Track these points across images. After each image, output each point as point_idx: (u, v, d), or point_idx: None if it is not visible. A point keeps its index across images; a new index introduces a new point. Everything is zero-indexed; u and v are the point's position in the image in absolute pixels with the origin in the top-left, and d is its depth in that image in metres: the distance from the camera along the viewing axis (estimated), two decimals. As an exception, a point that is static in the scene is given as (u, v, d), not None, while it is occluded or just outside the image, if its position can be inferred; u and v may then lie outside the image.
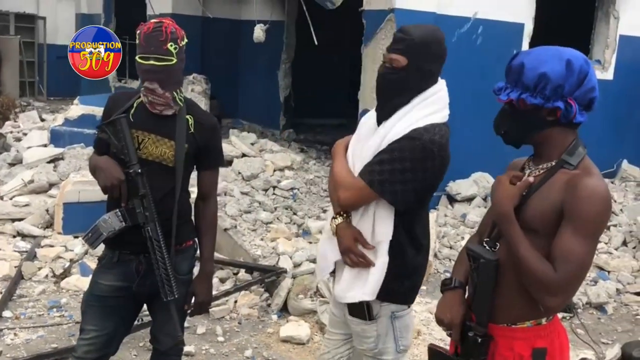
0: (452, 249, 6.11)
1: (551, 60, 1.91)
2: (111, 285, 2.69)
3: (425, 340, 4.44)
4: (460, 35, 7.13)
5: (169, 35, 2.53)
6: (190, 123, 2.68)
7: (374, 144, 2.33)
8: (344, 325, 2.53)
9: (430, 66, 2.31)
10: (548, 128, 1.95)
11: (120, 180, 2.58)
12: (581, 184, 1.85)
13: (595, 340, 4.63)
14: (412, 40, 2.25)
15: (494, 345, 2.02)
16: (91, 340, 2.69)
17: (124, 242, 2.67)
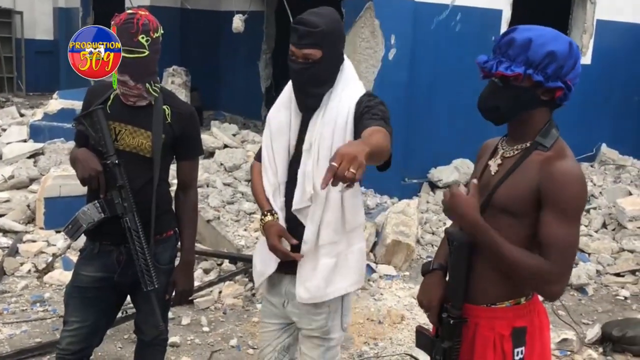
0: (435, 235, 6.16)
1: (558, 40, 1.91)
2: (92, 277, 2.70)
3: (409, 325, 4.49)
4: (438, 22, 7.16)
5: (140, 27, 2.52)
6: (167, 113, 2.68)
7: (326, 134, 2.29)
8: (282, 315, 2.51)
9: (340, 48, 2.37)
10: (537, 107, 1.95)
11: (98, 171, 2.58)
12: (556, 169, 1.86)
13: (576, 321, 4.72)
14: (322, 31, 2.24)
15: (474, 326, 2.04)
16: (74, 331, 2.69)
17: (104, 233, 2.67)
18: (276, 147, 2.41)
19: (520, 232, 1.94)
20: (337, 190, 2.17)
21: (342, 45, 2.37)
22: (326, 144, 2.28)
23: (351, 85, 2.36)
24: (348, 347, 4.15)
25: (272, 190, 2.41)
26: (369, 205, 6.43)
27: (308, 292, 2.35)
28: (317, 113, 2.33)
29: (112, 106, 2.65)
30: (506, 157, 2.02)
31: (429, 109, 7.23)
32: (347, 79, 2.37)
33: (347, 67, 2.40)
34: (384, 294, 4.98)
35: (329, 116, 2.30)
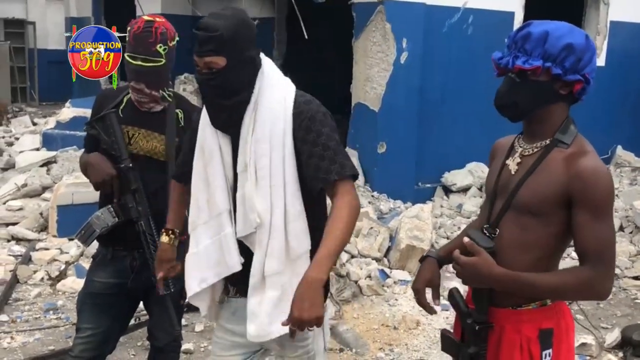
0: (449, 239, 6.10)
1: (574, 33, 1.87)
2: (106, 283, 2.68)
3: (424, 331, 4.43)
4: (450, 25, 7.12)
5: (159, 37, 2.51)
6: (180, 117, 2.67)
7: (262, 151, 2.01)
8: (246, 344, 2.18)
9: (249, 53, 2.03)
10: (555, 102, 1.91)
11: (112, 175, 2.57)
12: (584, 167, 1.82)
13: (594, 325, 4.64)
14: (222, 36, 1.94)
15: (500, 329, 1.99)
16: (87, 338, 2.67)
17: (117, 238, 2.65)
18: (210, 172, 2.10)
19: (543, 231, 1.90)
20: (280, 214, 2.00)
21: (252, 50, 2.03)
22: (263, 162, 2.01)
23: (276, 89, 2.06)
24: (363, 354, 4.10)
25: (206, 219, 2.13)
26: (382, 210, 6.39)
27: (255, 330, 2.06)
28: (245, 129, 2.03)
29: (124, 110, 2.64)
30: (525, 155, 1.97)
31: (442, 113, 7.18)
32: (269, 84, 2.06)
33: (267, 69, 2.09)
34: (398, 299, 4.92)
35: (261, 132, 2.01)
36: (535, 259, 1.92)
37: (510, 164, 2.01)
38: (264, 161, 2.01)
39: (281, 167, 2.01)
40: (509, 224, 1.95)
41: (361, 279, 4.97)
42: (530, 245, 1.92)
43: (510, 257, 1.94)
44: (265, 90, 2.05)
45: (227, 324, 2.23)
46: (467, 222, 6.43)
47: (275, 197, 2.01)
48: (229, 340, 2.23)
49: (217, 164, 2.09)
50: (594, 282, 1.82)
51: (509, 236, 1.95)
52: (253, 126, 2.03)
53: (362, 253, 5.29)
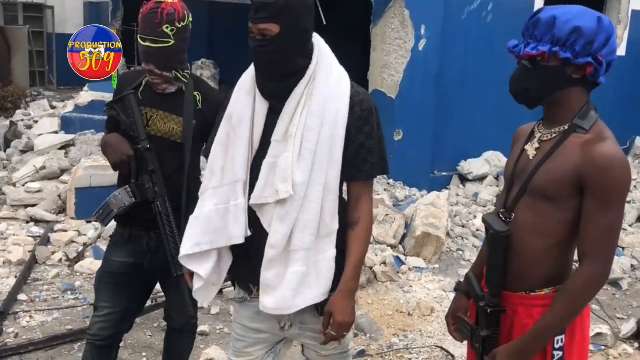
0: (465, 228, 6.09)
1: (584, 15, 1.86)
2: (123, 262, 2.71)
3: (439, 317, 4.43)
4: (470, 12, 7.07)
5: (165, 17, 2.51)
6: (198, 99, 2.68)
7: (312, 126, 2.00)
8: (272, 339, 2.21)
9: (304, 23, 2.01)
10: (569, 87, 1.90)
11: (129, 156, 2.59)
12: (597, 153, 1.81)
13: (610, 316, 4.63)
14: (277, 3, 1.93)
15: (513, 314, 2.00)
16: (105, 317, 2.70)
17: (135, 218, 2.68)
18: (234, 138, 2.07)
19: (557, 217, 1.89)
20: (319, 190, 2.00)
21: (307, 20, 2.01)
22: (311, 137, 1.99)
23: (334, 69, 2.07)
24: (377, 339, 4.12)
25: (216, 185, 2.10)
26: (398, 197, 6.39)
27: (274, 302, 2.05)
28: (295, 100, 2.01)
29: (143, 92, 2.66)
30: (544, 140, 1.97)
31: (460, 101, 7.14)
32: (328, 63, 2.07)
33: (324, 47, 2.09)
34: (413, 286, 4.93)
35: (316, 107, 2.00)
36: (549, 244, 1.92)
37: (529, 149, 2.01)
38: (312, 136, 1.99)
39: (328, 145, 2.00)
40: (525, 208, 1.96)
41: (376, 265, 4.98)
42: (545, 231, 1.92)
43: (524, 242, 1.95)
44: (322, 67, 2.05)
45: (252, 324, 2.19)
46: (482, 211, 6.42)
47: (317, 172, 2.00)
48: (252, 337, 2.21)
49: (245, 130, 2.06)
50: (595, 278, 1.84)
51: (523, 221, 1.96)
52: (306, 99, 2.01)
53: (378, 240, 5.30)
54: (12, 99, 10.19)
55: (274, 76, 2.02)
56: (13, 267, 4.85)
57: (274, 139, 2.02)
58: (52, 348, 3.77)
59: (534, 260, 1.95)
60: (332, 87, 2.03)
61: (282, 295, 2.03)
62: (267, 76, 2.04)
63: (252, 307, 2.17)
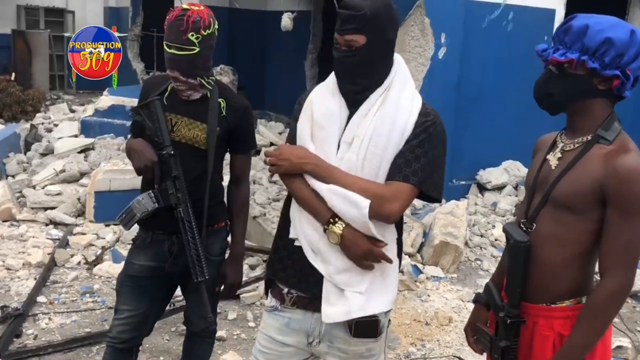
0: (483, 237, 6.05)
1: (617, 27, 1.84)
2: (144, 265, 2.72)
3: (457, 327, 4.40)
4: (490, 21, 7.03)
5: (190, 25, 2.52)
6: (222, 106, 2.69)
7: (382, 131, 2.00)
8: (300, 354, 2.16)
9: (389, 35, 2.03)
10: (593, 97, 1.88)
11: (153, 161, 2.61)
12: (620, 164, 1.79)
13: (630, 329, 4.58)
14: (365, 15, 1.94)
15: (533, 325, 1.98)
16: (126, 320, 2.72)
17: (157, 223, 2.69)
18: (323, 136, 2.06)
19: (579, 227, 1.88)
20: None
21: (392, 33, 2.04)
22: (381, 141, 1.99)
23: (409, 87, 2.08)
24: (395, 348, 4.09)
25: None
26: (416, 205, 6.35)
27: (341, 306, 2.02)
28: (369, 106, 2.03)
29: (169, 98, 2.68)
30: (566, 150, 1.96)
31: (479, 110, 7.10)
32: (404, 77, 2.08)
33: (402, 65, 2.11)
34: (431, 296, 4.90)
35: (387, 113, 2.00)
36: (570, 255, 1.91)
37: (550, 159, 2.00)
38: (382, 141, 1.99)
39: (394, 152, 2.00)
40: (546, 218, 1.95)
41: (394, 274, 4.95)
42: (566, 241, 1.90)
43: (545, 253, 1.94)
44: (398, 80, 2.06)
45: (278, 336, 2.15)
46: (501, 220, 6.37)
47: (381, 177, 2.00)
48: (278, 350, 2.17)
49: (336, 128, 2.05)
50: (618, 289, 1.82)
51: (545, 231, 1.94)
52: (379, 106, 2.02)
53: (395, 248, 5.27)
54: (32, 102, 10.29)
55: (357, 86, 2.04)
56: (32, 269, 4.89)
57: (343, 140, 2.04)
58: (71, 350, 3.79)
59: (554, 271, 1.93)
60: (405, 100, 2.04)
61: (352, 296, 2.01)
62: (350, 86, 2.05)
63: (282, 317, 2.14)
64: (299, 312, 2.11)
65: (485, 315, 2.19)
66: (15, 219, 5.81)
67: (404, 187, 1.97)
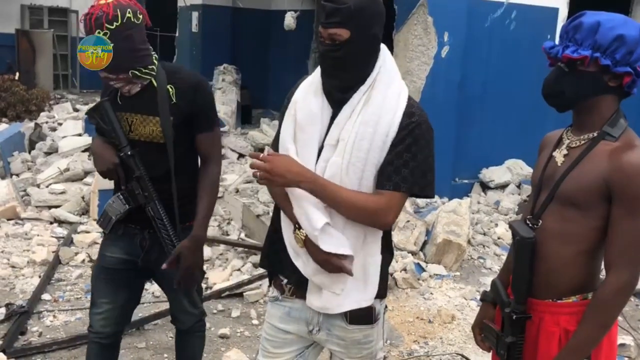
0: (486, 235, 6.06)
1: (627, 24, 1.85)
2: (117, 258, 2.69)
3: (459, 325, 4.41)
4: (493, 20, 7.04)
5: (93, 24, 2.44)
6: (172, 93, 2.57)
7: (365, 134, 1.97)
8: (301, 342, 2.21)
9: (374, 30, 2.00)
10: (603, 94, 1.89)
11: (115, 163, 2.54)
12: (625, 160, 1.80)
13: (634, 327, 4.57)
14: (349, 9, 1.92)
15: (539, 321, 2.00)
16: (105, 313, 2.70)
17: (129, 217, 2.65)
18: (305, 138, 2.05)
19: (585, 224, 1.89)
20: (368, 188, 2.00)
21: (377, 27, 2.00)
22: (364, 145, 1.97)
23: (396, 84, 2.04)
24: (398, 345, 4.11)
25: None
26: (419, 204, 6.37)
27: (320, 302, 2.08)
28: (351, 107, 2.01)
29: (122, 97, 2.59)
30: (572, 147, 1.97)
31: (482, 108, 7.11)
32: (389, 75, 2.05)
33: (388, 57, 2.07)
34: (434, 294, 4.91)
35: (371, 115, 1.98)
36: (576, 252, 1.92)
37: (557, 156, 2.01)
38: (365, 144, 1.97)
39: (378, 155, 1.98)
40: (552, 215, 1.96)
41: (397, 272, 4.97)
42: (571, 238, 1.91)
43: (551, 249, 1.95)
44: (383, 77, 2.03)
45: (280, 324, 2.20)
46: (504, 219, 6.38)
47: (365, 180, 1.99)
48: (281, 338, 2.21)
49: (317, 132, 2.04)
50: (624, 284, 1.83)
51: (550, 227, 1.95)
52: (362, 107, 2.00)
53: (398, 246, 5.29)
54: (36, 102, 10.32)
55: (341, 81, 2.01)
56: (37, 267, 4.92)
57: (327, 142, 2.02)
58: (75, 347, 3.80)
59: (560, 267, 1.94)
60: (389, 99, 2.01)
61: (330, 295, 2.05)
62: (334, 82, 2.03)
63: (283, 307, 2.19)
64: (298, 301, 2.15)
65: (492, 313, 2.20)
66: (20, 217, 5.84)
67: (395, 196, 1.98)
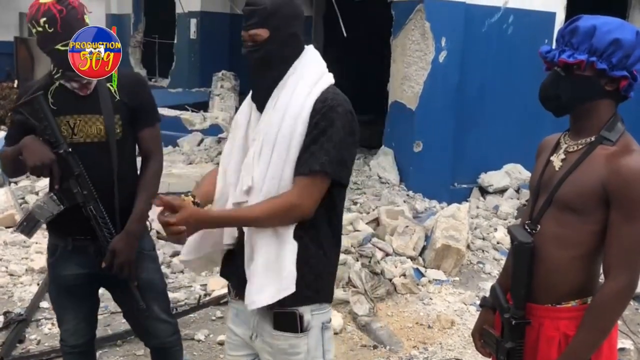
0: (485, 240, 6.05)
1: (623, 28, 1.85)
2: (76, 274, 2.60)
3: (459, 330, 4.41)
4: (490, 24, 7.06)
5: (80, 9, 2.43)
6: (113, 90, 2.53)
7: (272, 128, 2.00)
8: (248, 346, 2.19)
9: (291, 29, 2.05)
10: (599, 98, 1.89)
11: (52, 159, 2.40)
12: (623, 165, 1.80)
13: (633, 331, 4.57)
14: (266, 9, 1.99)
15: (538, 326, 1.99)
16: (75, 328, 2.69)
17: (73, 227, 2.53)
18: (235, 145, 2.13)
19: (583, 228, 1.89)
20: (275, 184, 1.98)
21: (295, 26, 2.06)
22: (272, 130, 1.99)
23: (308, 76, 2.05)
24: (397, 351, 4.10)
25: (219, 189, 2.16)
26: (418, 209, 6.37)
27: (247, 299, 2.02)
28: (270, 102, 2.05)
29: (56, 102, 2.49)
30: (570, 152, 1.97)
31: (480, 113, 7.13)
32: (303, 68, 2.07)
33: (309, 56, 2.11)
34: (433, 299, 4.90)
35: (281, 104, 2.01)
36: (574, 256, 1.92)
37: (554, 160, 2.01)
38: (273, 130, 1.99)
39: (288, 141, 1.98)
40: (550, 220, 1.95)
41: (396, 277, 4.96)
42: (570, 242, 1.91)
43: (549, 254, 1.95)
44: (295, 71, 2.06)
45: (232, 325, 2.23)
46: (503, 224, 6.37)
47: (274, 166, 1.99)
48: (234, 339, 2.23)
49: (240, 138, 2.11)
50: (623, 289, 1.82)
51: (549, 232, 1.95)
52: (276, 100, 2.03)
53: (397, 251, 5.29)
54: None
55: (262, 81, 2.07)
56: (35, 274, 4.90)
57: (250, 138, 2.09)
58: (74, 355, 3.79)
59: (559, 272, 1.94)
60: (302, 87, 2.02)
61: (249, 289, 2.01)
62: (257, 82, 2.09)
63: (233, 309, 2.23)
64: (242, 303, 2.10)
65: (492, 318, 2.20)
66: (18, 225, 5.82)
67: (307, 181, 1.95)
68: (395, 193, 6.65)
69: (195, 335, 4.11)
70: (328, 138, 1.95)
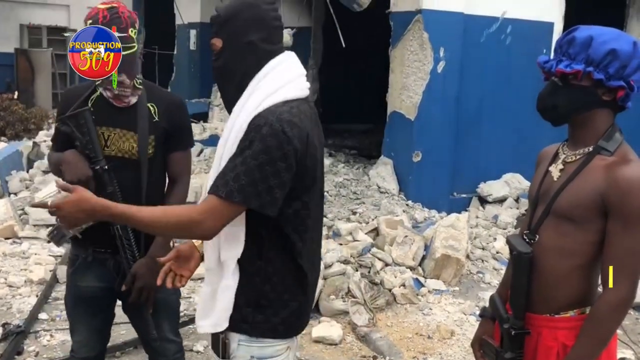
0: (485, 250, 6.04)
1: (620, 39, 1.87)
2: (93, 287, 2.59)
3: (459, 341, 4.39)
4: (488, 35, 7.08)
5: (129, 21, 2.41)
6: (153, 111, 2.53)
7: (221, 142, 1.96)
8: None
9: (248, 37, 1.93)
10: (597, 108, 1.90)
11: (88, 176, 2.42)
12: (620, 175, 1.81)
13: (634, 341, 4.55)
14: (219, 17, 1.95)
15: (537, 336, 1.99)
16: (87, 340, 2.67)
17: (95, 238, 2.51)
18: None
19: (581, 238, 1.89)
20: None
21: (251, 33, 1.93)
22: (222, 143, 1.95)
23: (264, 88, 1.91)
24: (397, 361, 4.09)
25: None
26: (417, 219, 6.36)
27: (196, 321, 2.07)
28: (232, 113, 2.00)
29: (96, 111, 2.49)
30: (568, 162, 1.97)
31: (479, 123, 7.13)
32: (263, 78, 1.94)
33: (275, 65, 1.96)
34: (432, 309, 4.89)
35: (231, 120, 1.95)
36: (573, 266, 1.92)
37: (552, 171, 2.01)
38: (222, 142, 1.95)
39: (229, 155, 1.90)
40: (548, 230, 1.96)
41: (395, 287, 4.96)
42: (568, 252, 1.92)
43: (548, 263, 1.95)
44: (256, 82, 1.94)
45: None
46: (502, 233, 6.37)
47: None
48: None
49: (220, 149, 1.99)
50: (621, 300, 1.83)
51: (547, 242, 1.96)
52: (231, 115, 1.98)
53: (397, 261, 5.28)
54: (35, 121, 10.35)
55: (227, 93, 2.01)
56: (34, 286, 4.90)
57: None
58: (72, 367, 3.78)
59: (558, 282, 1.94)
60: (254, 100, 1.91)
61: (197, 313, 2.04)
62: (223, 94, 2.04)
63: None
64: None
65: (491, 328, 2.20)
66: (18, 236, 5.83)
67: (213, 201, 1.81)
68: (394, 203, 6.64)
69: (194, 346, 4.11)
70: (242, 161, 1.81)
